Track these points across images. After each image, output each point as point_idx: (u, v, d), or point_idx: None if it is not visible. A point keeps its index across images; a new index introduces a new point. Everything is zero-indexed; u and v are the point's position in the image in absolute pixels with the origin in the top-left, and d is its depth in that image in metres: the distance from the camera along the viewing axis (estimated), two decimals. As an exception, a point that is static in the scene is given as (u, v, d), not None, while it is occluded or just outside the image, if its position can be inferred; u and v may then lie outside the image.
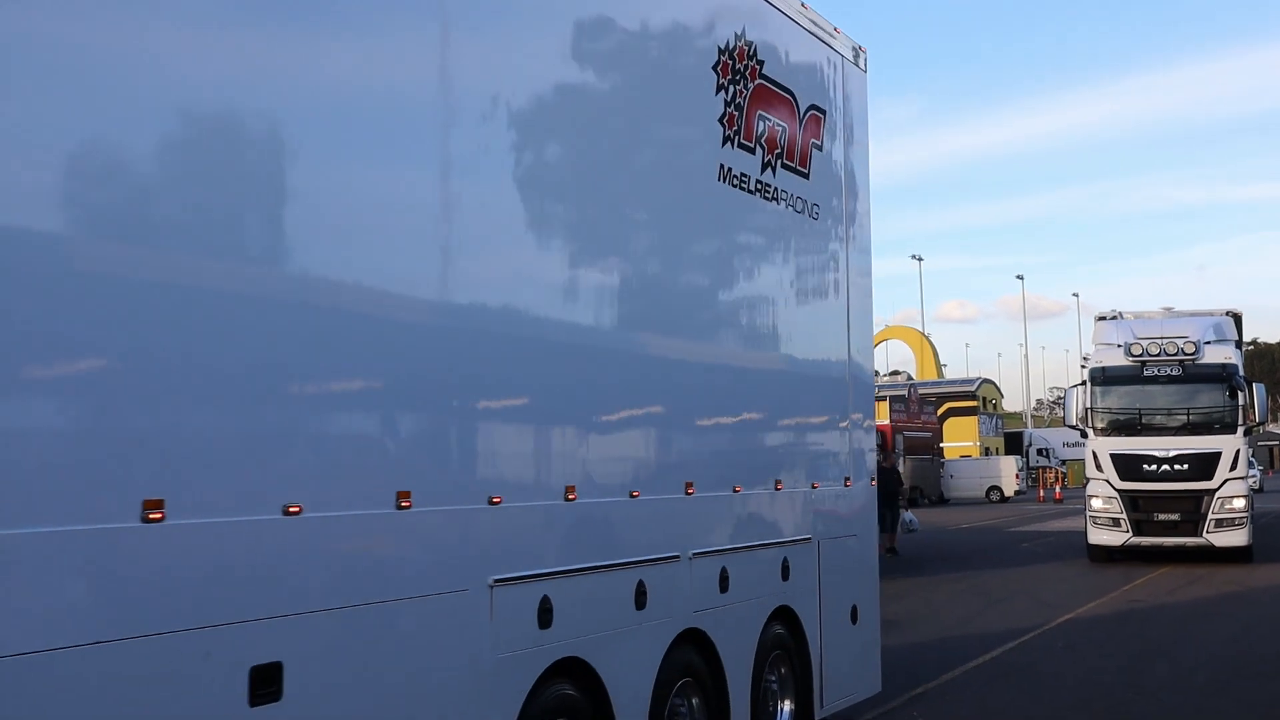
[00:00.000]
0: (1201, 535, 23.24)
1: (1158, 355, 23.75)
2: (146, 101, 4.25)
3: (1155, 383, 23.95)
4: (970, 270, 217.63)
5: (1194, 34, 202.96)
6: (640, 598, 6.76)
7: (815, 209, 9.20)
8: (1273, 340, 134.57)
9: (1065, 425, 25.53)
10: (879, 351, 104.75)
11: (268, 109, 4.75)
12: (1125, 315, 26.31)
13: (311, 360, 4.86)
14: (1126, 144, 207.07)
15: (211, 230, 4.48)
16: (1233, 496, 23.18)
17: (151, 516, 4.11)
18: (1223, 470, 23.24)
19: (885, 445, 53.89)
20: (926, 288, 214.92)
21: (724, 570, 7.59)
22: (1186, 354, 23.67)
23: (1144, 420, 24.12)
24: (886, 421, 56.17)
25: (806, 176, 9.04)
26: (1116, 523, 23.70)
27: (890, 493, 27.69)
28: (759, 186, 8.37)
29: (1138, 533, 23.59)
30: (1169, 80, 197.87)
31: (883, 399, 58.00)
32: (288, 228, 4.83)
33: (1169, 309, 27.05)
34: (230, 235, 4.57)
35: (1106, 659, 13.53)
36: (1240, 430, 23.62)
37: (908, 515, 27.89)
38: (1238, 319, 27.07)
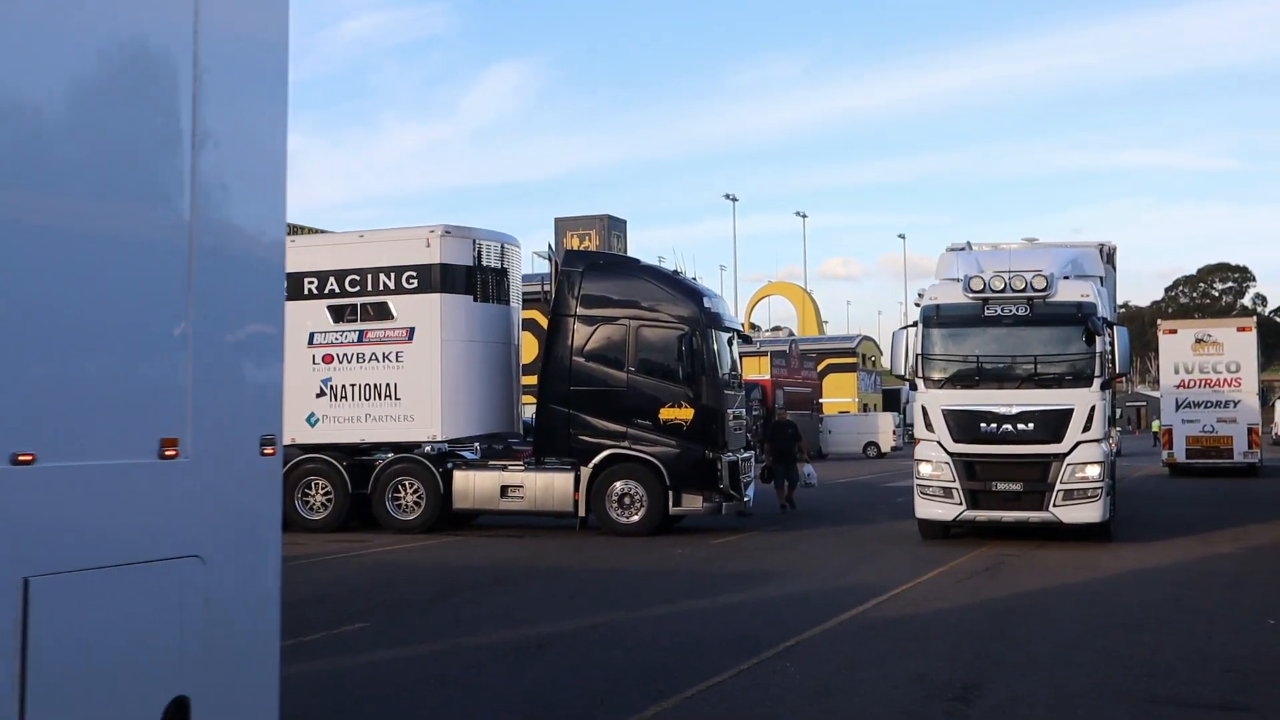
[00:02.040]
0: (1047, 509, 19.07)
1: (1002, 291, 19.39)
2: None
3: (998, 324, 19.62)
4: (854, 228, 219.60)
5: (1075, 1, 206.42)
6: None
7: None
8: (1144, 304, 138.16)
9: (893, 375, 21.40)
10: (761, 307, 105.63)
11: None
12: (978, 246, 22.61)
13: None
14: (1007, 108, 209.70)
15: None
16: (1085, 463, 18.95)
17: None
18: (1074, 431, 18.99)
19: (765, 401, 54.75)
20: (810, 245, 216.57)
21: None
22: (1036, 290, 19.29)
23: (983, 370, 19.72)
24: (767, 376, 56.84)
25: None
26: (948, 493, 19.46)
27: (785, 450, 26.69)
28: None
29: (973, 505, 19.36)
30: (1050, 45, 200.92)
31: (764, 354, 58.73)
32: None
33: (1032, 240, 23.47)
34: None
35: (977, 611, 13.63)
36: (1098, 383, 19.22)
37: (808, 469, 27.40)
38: (1110, 253, 23.54)
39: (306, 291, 22.63)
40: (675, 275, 23.09)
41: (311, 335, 22.58)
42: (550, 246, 26.54)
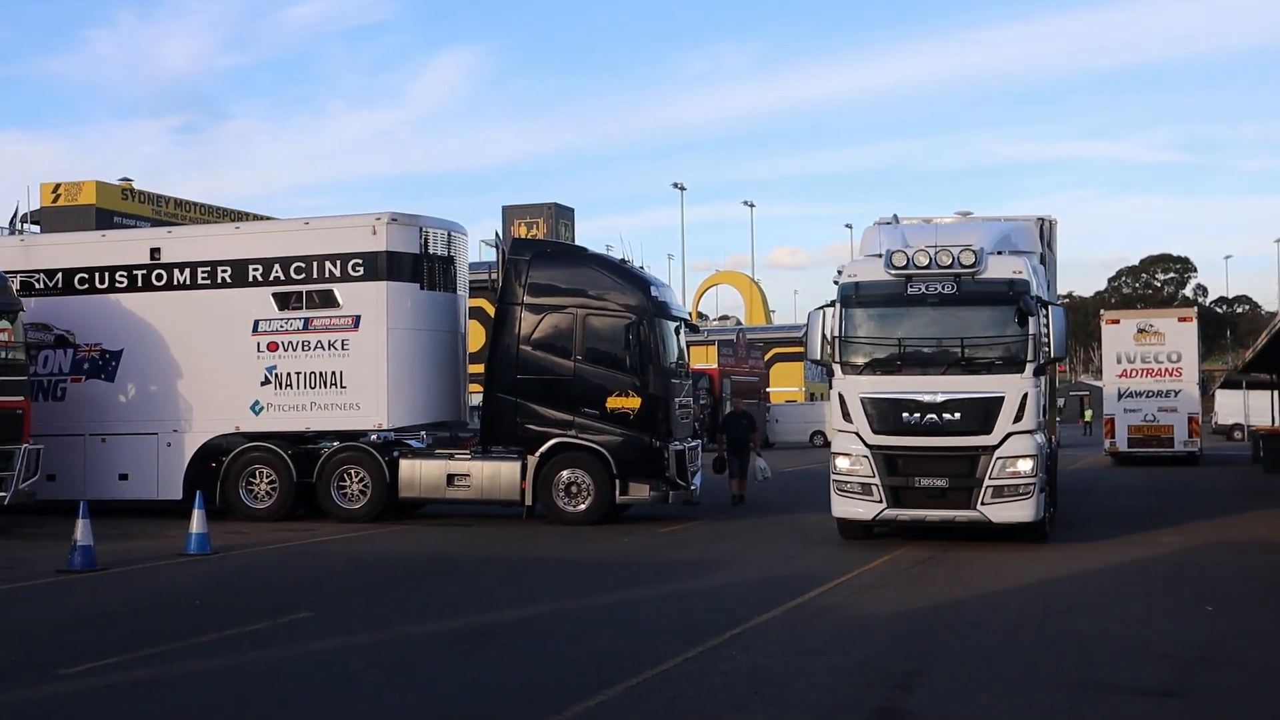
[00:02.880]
0: (975, 507, 17.26)
1: (927, 267, 17.41)
2: None
3: (922, 304, 17.68)
4: (801, 217, 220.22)
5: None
6: None
7: None
8: (1088, 294, 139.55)
9: (808, 360, 19.37)
10: (709, 296, 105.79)
11: None
12: (906, 220, 20.68)
13: None
14: (954, 99, 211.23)
15: None
16: (1016, 456, 17.11)
17: None
18: (1005, 422, 17.12)
19: (713, 390, 54.86)
20: (758, 234, 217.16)
21: None
22: (965, 266, 17.32)
23: (906, 354, 17.81)
24: (714, 365, 56.92)
25: None
26: (867, 489, 17.63)
27: (740, 440, 26.43)
28: None
29: (894, 503, 17.55)
30: (996, 37, 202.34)
31: (711, 343, 58.73)
32: None
33: (966, 213, 21.74)
34: None
35: (920, 599, 13.71)
36: (1030, 368, 17.29)
37: (761, 463, 26.82)
38: (1049, 229, 22.04)
39: (251, 279, 22.48)
40: (623, 264, 23.06)
41: (256, 323, 22.43)
42: (497, 235, 26.45)
